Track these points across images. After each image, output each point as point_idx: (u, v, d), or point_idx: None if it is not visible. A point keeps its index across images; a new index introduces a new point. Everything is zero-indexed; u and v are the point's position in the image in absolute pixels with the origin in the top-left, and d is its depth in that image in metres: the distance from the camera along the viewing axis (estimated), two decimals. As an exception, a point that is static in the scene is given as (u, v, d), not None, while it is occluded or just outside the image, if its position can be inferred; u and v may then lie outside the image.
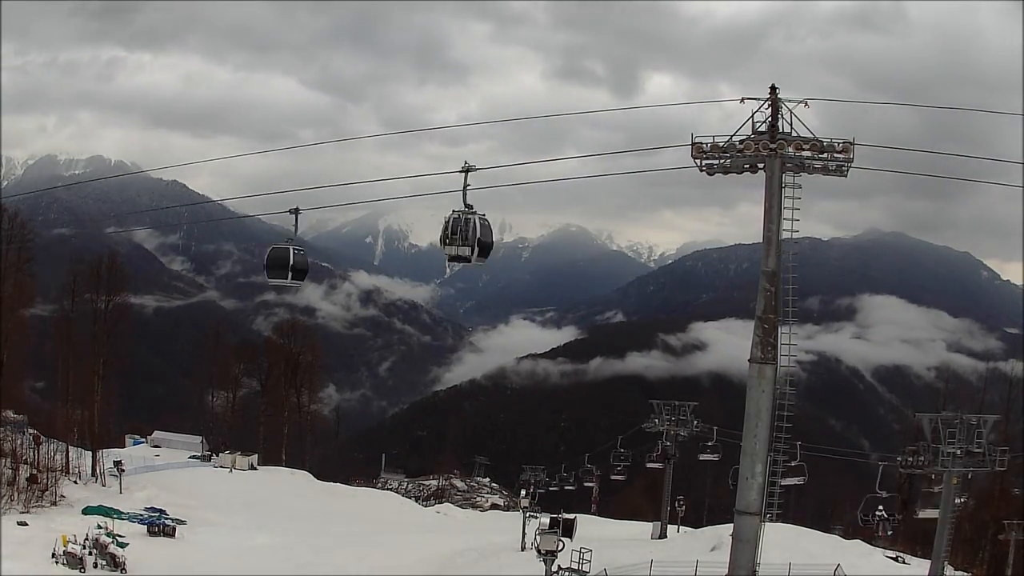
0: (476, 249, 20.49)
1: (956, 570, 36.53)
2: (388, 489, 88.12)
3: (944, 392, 62.60)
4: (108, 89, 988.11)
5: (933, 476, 28.52)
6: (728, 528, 23.59)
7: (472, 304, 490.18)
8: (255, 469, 65.96)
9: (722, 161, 21.23)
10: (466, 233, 20.24)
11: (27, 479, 43.43)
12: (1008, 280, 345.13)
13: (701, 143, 21.17)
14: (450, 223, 20.27)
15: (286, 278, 22.21)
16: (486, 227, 20.20)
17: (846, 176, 21.07)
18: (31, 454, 46.25)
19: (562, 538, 26.10)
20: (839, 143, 20.68)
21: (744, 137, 21.03)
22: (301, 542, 44.54)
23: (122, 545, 37.02)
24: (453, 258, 20.80)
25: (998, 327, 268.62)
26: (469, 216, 20.14)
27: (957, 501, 28.19)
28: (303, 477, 67.19)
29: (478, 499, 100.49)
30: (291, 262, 22.09)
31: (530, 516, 43.78)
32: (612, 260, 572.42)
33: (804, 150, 20.85)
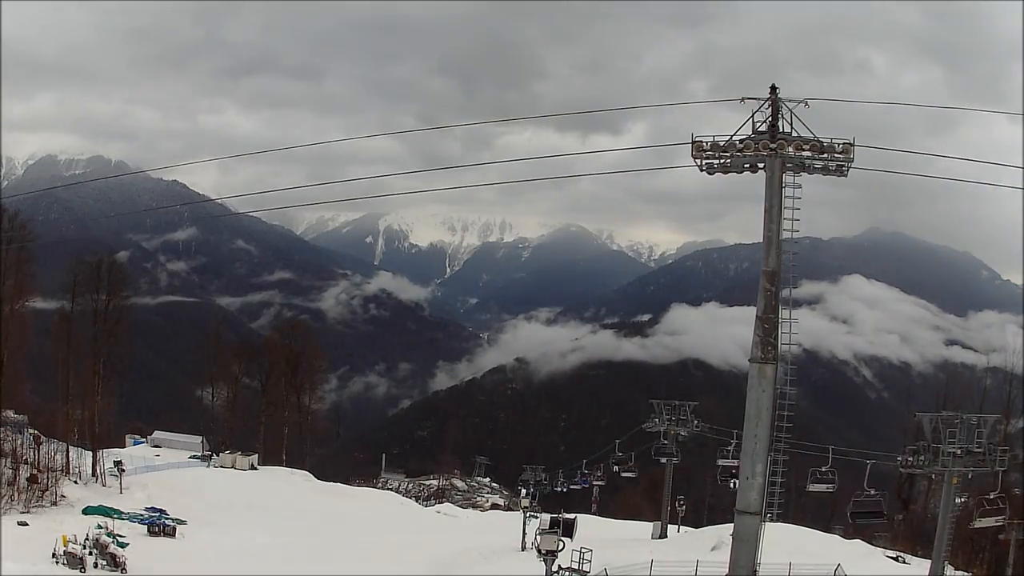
0: None
1: (956, 570, 36.51)
2: (388, 489, 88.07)
3: (944, 391, 62.57)
4: (188, 125, 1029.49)
5: (931, 475, 28.53)
6: (728, 528, 23.61)
7: (473, 304, 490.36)
8: (255, 469, 65.92)
9: (722, 160, 21.23)
10: None
11: (27, 479, 43.36)
12: (1008, 280, 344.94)
13: (701, 142, 21.16)
14: None
15: None
16: None
17: (846, 176, 21.10)
18: (31, 454, 46.15)
19: (562, 538, 26.11)
20: (839, 143, 20.69)
21: (744, 137, 21.02)
22: (301, 542, 44.53)
23: (122, 545, 37.01)
24: None
25: (998, 326, 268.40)
26: None
27: (957, 501, 28.18)
28: (303, 477, 67.14)
29: (478, 499, 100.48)
30: None
31: (530, 516, 43.83)
32: (612, 260, 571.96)
33: (804, 150, 20.85)
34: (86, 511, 42.28)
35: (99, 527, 38.43)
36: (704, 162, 21.28)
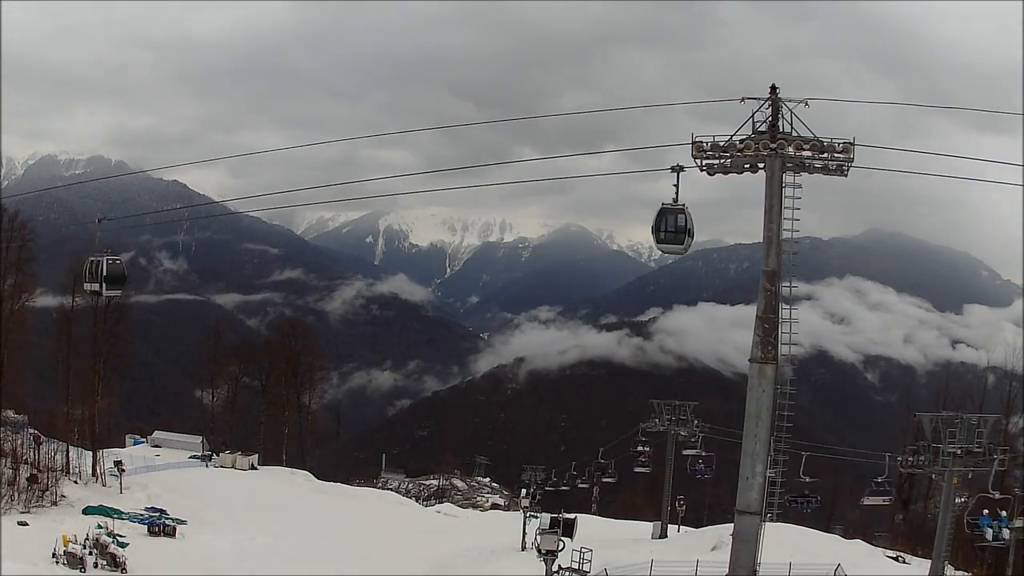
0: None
1: (956, 570, 36.51)
2: (388, 489, 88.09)
3: (944, 391, 62.50)
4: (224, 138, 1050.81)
5: (931, 475, 28.58)
6: (728, 528, 23.58)
7: (473, 304, 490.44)
8: (255, 469, 65.92)
9: (722, 161, 21.19)
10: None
11: (27, 479, 43.35)
12: (1008, 280, 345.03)
13: (701, 142, 21.12)
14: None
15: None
16: None
17: (846, 176, 21.07)
18: (31, 454, 46.16)
19: (562, 538, 26.09)
20: (839, 143, 20.65)
21: (744, 137, 20.98)
22: (301, 542, 44.53)
23: (122, 545, 37.03)
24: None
25: (998, 326, 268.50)
26: None
27: (957, 501, 28.18)
28: (303, 477, 67.15)
29: (478, 499, 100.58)
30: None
31: (530, 516, 43.83)
32: (612, 260, 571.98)
33: (804, 150, 20.81)
34: (86, 511, 42.28)
35: (99, 527, 38.45)
36: (704, 162, 21.26)
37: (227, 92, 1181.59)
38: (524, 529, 43.80)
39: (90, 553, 35.24)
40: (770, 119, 20.84)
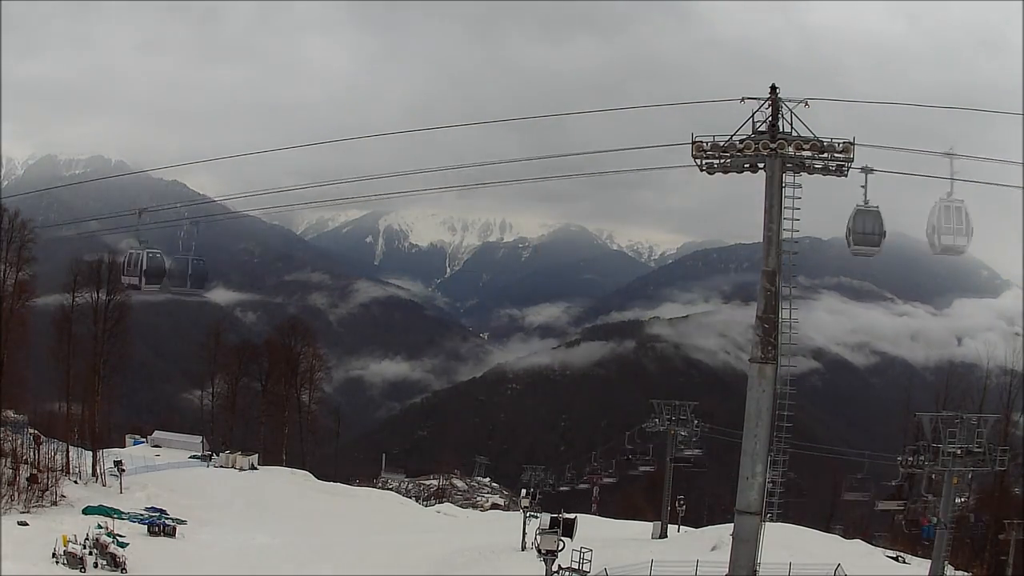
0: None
1: (956, 570, 36.50)
2: (388, 489, 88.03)
3: (944, 391, 62.44)
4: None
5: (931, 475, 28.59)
6: (728, 528, 23.59)
7: (473, 304, 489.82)
8: (255, 469, 65.89)
9: (722, 160, 21.21)
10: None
11: (27, 479, 43.43)
12: (1008, 280, 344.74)
13: (701, 142, 21.14)
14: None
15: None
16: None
17: (846, 176, 21.08)
18: (31, 454, 46.23)
19: (562, 538, 26.08)
20: (839, 143, 20.67)
21: (744, 137, 21.00)
22: (301, 542, 44.53)
23: (122, 545, 37.06)
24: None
25: (997, 326, 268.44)
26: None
27: (957, 501, 28.20)
28: (303, 477, 67.12)
29: (478, 499, 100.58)
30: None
31: (530, 516, 43.79)
32: (612, 260, 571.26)
33: (804, 150, 20.84)
34: (86, 511, 42.31)
35: (99, 527, 38.48)
36: (704, 162, 21.28)
37: (278, 127, 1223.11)
38: (524, 529, 43.75)
39: (90, 553, 35.27)
40: (770, 119, 20.86)
